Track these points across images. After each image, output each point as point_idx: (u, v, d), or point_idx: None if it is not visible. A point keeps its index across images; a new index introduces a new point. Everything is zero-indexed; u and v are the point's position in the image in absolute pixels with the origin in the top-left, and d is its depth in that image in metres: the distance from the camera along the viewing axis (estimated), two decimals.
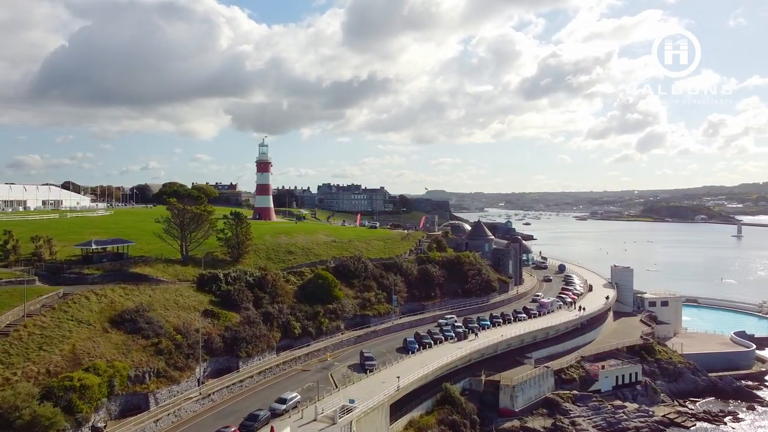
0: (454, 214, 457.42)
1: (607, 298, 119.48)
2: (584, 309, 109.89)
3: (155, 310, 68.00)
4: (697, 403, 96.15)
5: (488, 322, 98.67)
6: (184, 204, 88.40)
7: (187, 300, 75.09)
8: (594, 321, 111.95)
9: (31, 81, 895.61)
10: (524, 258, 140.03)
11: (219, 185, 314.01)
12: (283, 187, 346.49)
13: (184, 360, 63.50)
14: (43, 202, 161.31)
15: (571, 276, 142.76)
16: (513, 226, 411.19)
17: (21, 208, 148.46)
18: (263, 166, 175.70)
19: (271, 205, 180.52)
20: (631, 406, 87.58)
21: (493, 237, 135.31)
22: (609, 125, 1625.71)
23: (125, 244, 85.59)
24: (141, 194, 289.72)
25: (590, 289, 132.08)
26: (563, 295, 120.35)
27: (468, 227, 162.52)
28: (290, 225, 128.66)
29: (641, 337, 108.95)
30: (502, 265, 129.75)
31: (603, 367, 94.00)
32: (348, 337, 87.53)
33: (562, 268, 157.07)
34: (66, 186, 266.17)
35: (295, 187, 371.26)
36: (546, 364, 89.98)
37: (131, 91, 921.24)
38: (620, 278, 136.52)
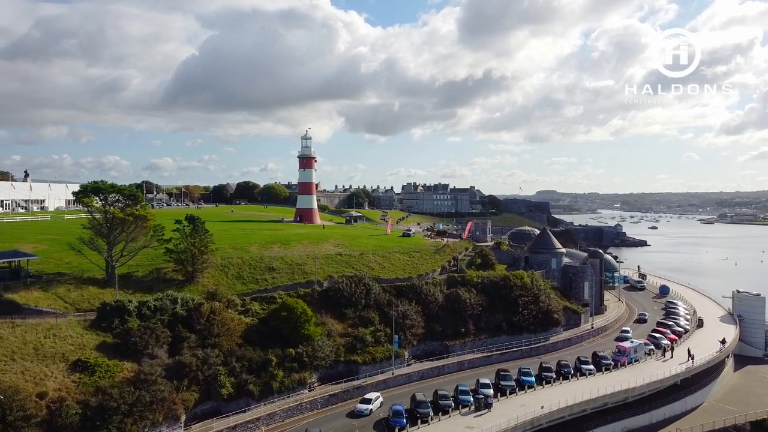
0: (555, 216, 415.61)
1: (723, 342, 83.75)
2: (692, 357, 76.27)
3: None
4: None
5: (532, 378, 68.32)
6: (107, 205, 66.52)
7: (60, 343, 52.66)
8: (702, 375, 77.79)
9: (164, 89, 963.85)
10: (610, 277, 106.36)
11: (290, 185, 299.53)
12: (359, 187, 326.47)
13: None
14: (67, 202, 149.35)
15: (675, 305, 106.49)
16: (624, 230, 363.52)
17: (36, 208, 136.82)
18: (306, 161, 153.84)
19: (315, 206, 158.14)
20: None
21: (563, 249, 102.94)
22: (747, 119, 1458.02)
23: (24, 258, 65.10)
24: (219, 194, 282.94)
25: (700, 324, 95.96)
26: (657, 335, 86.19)
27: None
28: (303, 232, 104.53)
29: None
30: (574, 288, 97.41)
31: None
32: (315, 397, 61.37)
33: (664, 291, 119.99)
34: (140, 186, 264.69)
35: (378, 187, 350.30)
36: None
37: (252, 96, 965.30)
38: (746, 309, 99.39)
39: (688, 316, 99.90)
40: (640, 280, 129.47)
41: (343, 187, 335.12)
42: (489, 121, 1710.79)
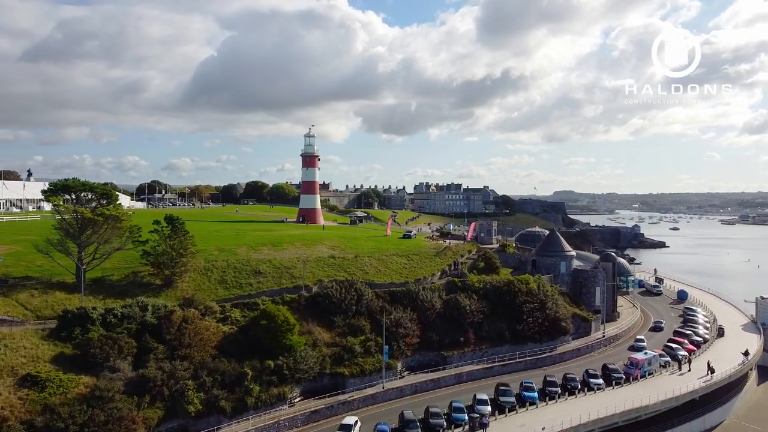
0: (571, 216, 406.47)
1: (746, 354, 77.25)
2: (712, 371, 70.16)
3: None
4: None
5: (535, 394, 62.64)
6: (78, 205, 62.16)
7: (11, 355, 48.30)
8: (723, 390, 71.49)
9: (183, 90, 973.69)
10: (623, 281, 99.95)
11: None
12: (370, 187, 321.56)
13: None
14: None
15: (693, 311, 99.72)
16: (642, 231, 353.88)
17: (32, 208, 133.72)
18: (309, 160, 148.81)
19: (318, 206, 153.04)
20: None
21: (573, 252, 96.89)
22: None
23: None
24: (229, 194, 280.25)
25: (720, 333, 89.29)
26: (674, 345, 79.91)
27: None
28: (299, 233, 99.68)
29: None
30: (585, 293, 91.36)
31: None
32: (296, 414, 56.30)
33: (682, 296, 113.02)
34: (152, 186, 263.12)
35: (389, 187, 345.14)
36: None
37: (270, 96, 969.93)
38: None
39: (708, 324, 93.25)
40: (657, 284, 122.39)
41: (354, 186, 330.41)
42: (507, 121, 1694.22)
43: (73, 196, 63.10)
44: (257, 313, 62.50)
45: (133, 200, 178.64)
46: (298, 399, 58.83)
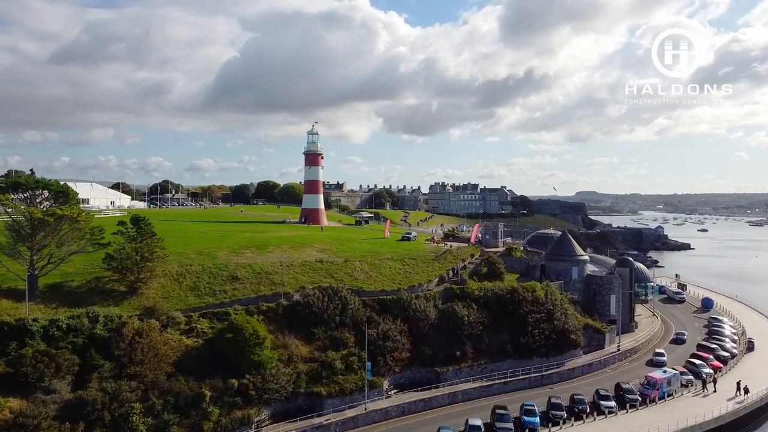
0: (592, 217, 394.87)
1: None
2: (745, 391, 62.20)
3: None
4: None
5: (536, 419, 55.29)
6: (30, 204, 56.44)
7: None
8: (754, 415, 63.26)
9: (206, 92, 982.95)
10: (642, 288, 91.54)
11: (325, 184, 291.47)
12: (384, 187, 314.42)
13: None
14: None
15: (719, 322, 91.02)
16: (665, 232, 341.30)
17: None
18: (312, 158, 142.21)
19: (321, 206, 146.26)
20: None
21: (586, 256, 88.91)
22: None
23: None
24: (241, 194, 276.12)
25: (749, 347, 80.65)
26: (698, 361, 71.82)
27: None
28: (291, 234, 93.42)
29: None
30: (599, 301, 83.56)
31: None
32: None
33: (707, 304, 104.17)
34: (165, 186, 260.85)
35: (404, 187, 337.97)
36: None
37: (292, 97, 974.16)
38: None
39: (735, 337, 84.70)
40: (679, 290, 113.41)
41: (368, 186, 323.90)
42: (529, 121, 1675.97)
43: (27, 195, 57.33)
44: (225, 324, 56.16)
45: (133, 200, 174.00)
46: (267, 423, 52.37)
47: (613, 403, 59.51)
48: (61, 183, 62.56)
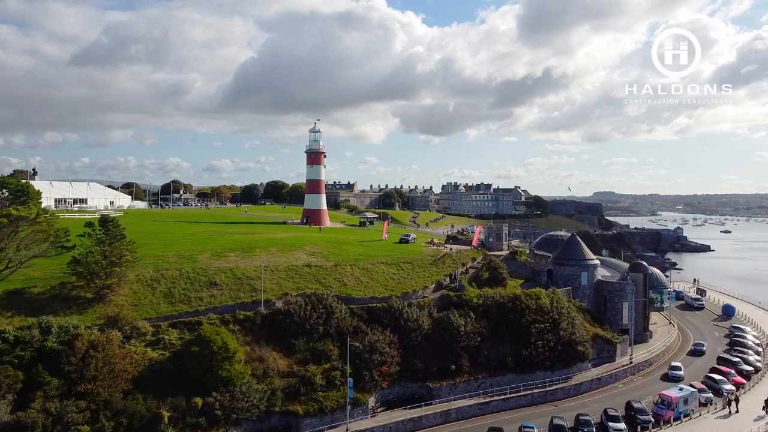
0: (609, 218, 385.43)
1: None
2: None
3: None
4: None
5: None
6: None
7: None
8: None
9: (224, 93, 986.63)
10: (658, 295, 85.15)
11: (336, 184, 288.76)
12: (394, 186, 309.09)
13: None
14: (56, 201, 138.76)
15: (742, 331, 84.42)
16: (684, 234, 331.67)
17: None
18: (314, 157, 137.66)
19: (323, 207, 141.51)
20: None
21: (596, 260, 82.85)
22: None
23: None
24: (250, 194, 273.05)
25: None
26: (718, 376, 65.66)
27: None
28: (283, 236, 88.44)
29: None
30: (610, 309, 77.58)
31: None
32: None
33: (728, 312, 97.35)
34: (176, 186, 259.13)
35: (415, 187, 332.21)
36: None
37: (308, 98, 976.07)
38: None
39: (760, 349, 78.19)
40: (698, 297, 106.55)
41: (378, 186, 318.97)
42: (546, 121, 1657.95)
43: None
44: (193, 337, 51.38)
45: (134, 200, 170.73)
46: None
47: (622, 425, 53.70)
48: (22, 182, 58.15)
